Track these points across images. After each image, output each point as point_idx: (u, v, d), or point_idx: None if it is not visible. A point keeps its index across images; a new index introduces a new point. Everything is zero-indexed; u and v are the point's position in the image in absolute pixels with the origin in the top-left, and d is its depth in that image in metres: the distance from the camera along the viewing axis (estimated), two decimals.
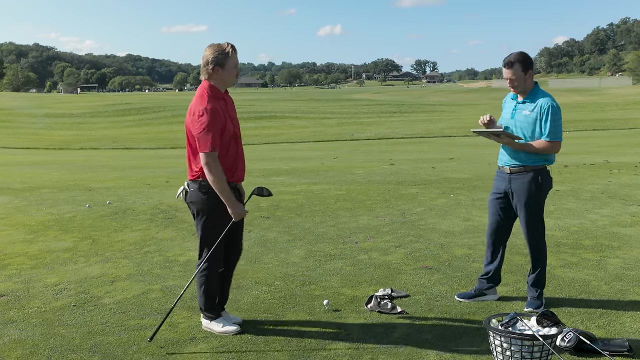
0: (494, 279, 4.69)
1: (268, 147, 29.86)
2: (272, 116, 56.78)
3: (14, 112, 62.08)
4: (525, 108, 4.35)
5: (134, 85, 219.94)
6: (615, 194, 9.34)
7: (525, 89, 4.37)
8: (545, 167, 4.39)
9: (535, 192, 4.34)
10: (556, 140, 4.24)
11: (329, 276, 5.30)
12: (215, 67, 3.86)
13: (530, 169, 4.34)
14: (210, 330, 4.06)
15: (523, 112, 4.35)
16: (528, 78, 4.32)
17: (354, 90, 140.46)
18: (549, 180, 4.42)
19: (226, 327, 4.02)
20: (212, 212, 3.94)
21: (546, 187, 4.39)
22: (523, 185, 4.36)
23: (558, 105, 4.30)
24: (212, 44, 3.92)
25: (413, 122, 48.54)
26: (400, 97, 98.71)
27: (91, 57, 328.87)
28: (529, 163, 4.34)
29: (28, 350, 3.77)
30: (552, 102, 4.26)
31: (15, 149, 31.53)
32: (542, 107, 4.24)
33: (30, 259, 5.94)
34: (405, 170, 13.53)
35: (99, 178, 13.04)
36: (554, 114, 4.23)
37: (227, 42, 3.90)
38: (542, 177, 4.35)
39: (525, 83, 4.33)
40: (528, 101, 4.35)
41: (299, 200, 9.17)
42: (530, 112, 4.30)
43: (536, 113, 4.26)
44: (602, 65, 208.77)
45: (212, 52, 3.86)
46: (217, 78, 3.90)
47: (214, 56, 3.85)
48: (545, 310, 3.65)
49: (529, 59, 4.34)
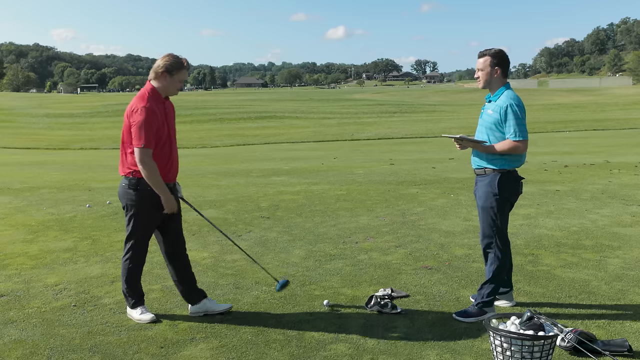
0: (507, 283, 4.52)
1: (268, 147, 29.84)
2: (272, 116, 56.76)
3: (14, 112, 62.08)
4: (489, 107, 4.28)
5: (134, 85, 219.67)
6: (615, 194, 9.34)
7: (490, 86, 4.27)
8: (509, 171, 4.20)
9: (493, 196, 4.18)
10: (521, 140, 4.08)
11: (329, 276, 5.30)
12: (163, 72, 4.07)
13: (490, 171, 4.22)
14: (131, 317, 4.29)
15: (488, 111, 4.28)
16: (496, 74, 4.22)
17: (354, 90, 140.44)
18: (512, 185, 4.22)
19: (142, 315, 4.25)
20: (139, 207, 4.13)
21: (507, 191, 4.20)
22: (482, 188, 4.27)
23: (520, 103, 4.15)
24: (172, 54, 4.16)
25: (413, 122, 48.52)
26: (400, 97, 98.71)
27: (91, 57, 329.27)
28: (490, 165, 4.21)
29: (28, 350, 3.77)
30: (511, 101, 4.11)
31: (15, 149, 31.52)
32: (502, 107, 4.13)
33: (30, 259, 5.94)
34: (405, 170, 13.53)
35: (99, 178, 13.04)
36: (514, 112, 4.09)
37: (184, 58, 4.16)
38: (502, 181, 4.17)
39: (490, 78, 4.24)
40: (493, 100, 4.27)
41: (299, 200, 9.17)
42: (492, 112, 4.22)
43: (497, 113, 4.16)
44: (602, 65, 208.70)
45: (168, 60, 4.10)
46: (162, 83, 4.11)
47: (168, 63, 4.07)
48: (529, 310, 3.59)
49: (503, 57, 4.23)
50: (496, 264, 4.28)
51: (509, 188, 4.21)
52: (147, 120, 3.94)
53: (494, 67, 4.22)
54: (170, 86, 4.12)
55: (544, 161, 14.88)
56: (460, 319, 4.22)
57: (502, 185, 4.18)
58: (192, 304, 4.40)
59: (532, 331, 3.36)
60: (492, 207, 4.22)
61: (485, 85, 4.29)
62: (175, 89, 4.17)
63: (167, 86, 4.11)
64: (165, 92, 4.14)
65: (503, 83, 4.27)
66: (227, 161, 18.64)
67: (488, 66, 4.22)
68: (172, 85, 4.13)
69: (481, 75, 4.28)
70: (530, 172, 12.46)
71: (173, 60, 4.09)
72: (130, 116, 4.00)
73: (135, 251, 4.27)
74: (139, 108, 3.97)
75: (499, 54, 4.24)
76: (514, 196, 4.30)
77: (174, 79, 4.10)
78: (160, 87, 4.11)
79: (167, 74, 4.07)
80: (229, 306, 4.48)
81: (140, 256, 4.32)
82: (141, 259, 4.34)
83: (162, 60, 4.09)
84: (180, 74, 4.11)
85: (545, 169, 13.06)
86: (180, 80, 4.14)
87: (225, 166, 16.27)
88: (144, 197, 4.08)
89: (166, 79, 4.09)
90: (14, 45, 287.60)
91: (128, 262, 4.29)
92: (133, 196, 4.10)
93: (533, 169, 12.98)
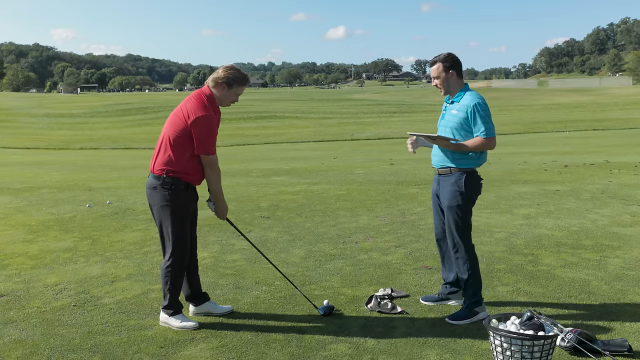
0: (457, 284, 4.56)
1: (268, 147, 29.85)
2: (272, 116, 56.78)
3: (14, 112, 62.08)
4: (453, 108, 4.32)
5: (134, 85, 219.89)
6: (615, 194, 9.34)
7: (450, 89, 4.33)
8: (473, 170, 4.27)
9: (459, 195, 4.22)
10: (491, 136, 4.16)
11: (329, 276, 5.30)
12: (223, 83, 4.08)
13: (455, 170, 4.25)
14: (167, 325, 4.17)
15: (452, 111, 4.32)
16: (451, 78, 4.28)
17: (354, 90, 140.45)
18: (475, 184, 4.29)
19: (184, 323, 4.14)
20: (175, 206, 4.07)
21: (471, 190, 4.25)
22: (447, 187, 4.28)
23: (484, 101, 4.22)
24: (236, 68, 4.17)
25: (413, 122, 48.52)
26: (400, 97, 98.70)
27: (91, 57, 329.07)
28: (455, 164, 4.24)
29: (28, 350, 3.77)
30: (478, 100, 4.18)
31: (15, 149, 31.52)
32: (468, 106, 4.19)
33: (30, 259, 5.94)
34: (405, 170, 13.53)
35: (99, 178, 13.04)
36: (481, 110, 4.15)
37: (247, 75, 4.21)
38: (467, 179, 4.22)
39: (448, 83, 4.30)
40: (456, 101, 4.31)
41: (299, 200, 9.17)
42: (457, 112, 4.26)
43: (464, 112, 4.21)
44: (602, 65, 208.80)
45: (231, 73, 4.10)
46: (219, 92, 4.12)
47: (231, 76, 4.09)
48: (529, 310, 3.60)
49: (454, 60, 4.29)
50: (468, 261, 4.29)
51: (474, 187, 4.29)
52: (212, 129, 4.01)
53: (447, 71, 4.28)
54: (226, 98, 4.14)
55: (544, 161, 14.88)
56: (453, 322, 4.22)
57: (468, 184, 4.24)
58: (195, 305, 4.40)
59: (532, 331, 3.36)
60: (459, 205, 4.25)
61: (445, 91, 4.36)
62: (230, 102, 4.19)
63: (223, 97, 4.13)
64: (220, 102, 4.16)
65: (461, 85, 4.34)
66: (227, 161, 18.64)
67: (442, 72, 4.28)
68: (228, 97, 4.14)
69: (439, 83, 4.35)
70: (530, 172, 12.47)
71: (236, 74, 4.10)
72: (190, 121, 3.95)
73: (179, 253, 4.11)
74: (202, 116, 3.95)
75: (449, 57, 4.31)
76: (477, 194, 4.36)
77: (231, 92, 4.12)
78: (218, 96, 4.12)
79: (226, 86, 4.09)
80: (230, 308, 4.47)
81: (185, 257, 4.17)
82: (185, 261, 4.19)
83: (224, 72, 4.08)
84: (240, 89, 4.15)
85: (545, 169, 13.06)
86: (237, 94, 4.16)
87: (225, 166, 16.21)
88: (178, 196, 4.05)
89: (224, 90, 4.10)
90: (14, 45, 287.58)
91: (171, 267, 4.11)
92: (168, 196, 4.04)
93: (533, 169, 12.99)
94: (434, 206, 4.53)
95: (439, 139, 4.23)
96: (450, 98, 4.38)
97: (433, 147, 4.43)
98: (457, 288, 4.57)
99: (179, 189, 4.05)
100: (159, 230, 4.18)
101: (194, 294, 4.40)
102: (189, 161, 4.04)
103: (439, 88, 4.38)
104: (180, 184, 4.04)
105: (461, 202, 4.24)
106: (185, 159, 4.02)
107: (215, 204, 4.26)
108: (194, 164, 4.06)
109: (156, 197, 4.09)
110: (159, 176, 4.06)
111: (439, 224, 4.53)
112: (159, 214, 4.12)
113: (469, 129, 4.21)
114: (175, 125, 4.02)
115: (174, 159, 4.02)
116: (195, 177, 4.12)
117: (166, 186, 4.04)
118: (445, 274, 4.63)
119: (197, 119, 3.94)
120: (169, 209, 4.06)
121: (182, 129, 3.98)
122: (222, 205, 4.27)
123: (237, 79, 4.10)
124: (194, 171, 4.09)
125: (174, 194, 4.04)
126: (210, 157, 4.07)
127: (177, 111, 4.07)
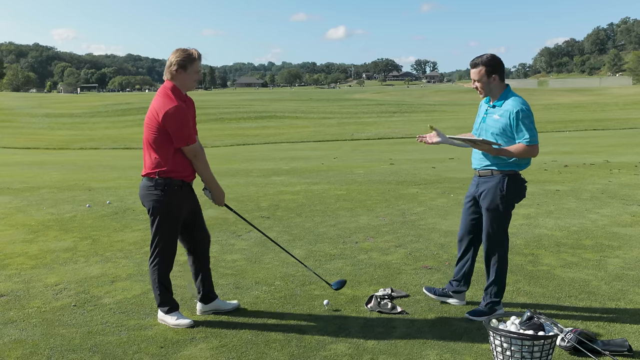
0: (464, 284, 4.58)
1: (268, 147, 29.85)
2: (272, 116, 56.78)
3: (14, 112, 62.08)
4: (495, 112, 4.19)
5: (134, 85, 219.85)
6: (615, 194, 9.34)
7: (491, 93, 4.21)
8: (516, 172, 4.19)
9: (500, 198, 4.14)
10: (534, 144, 4.03)
11: (329, 276, 5.29)
12: (178, 69, 4.04)
13: (497, 172, 4.17)
14: (164, 322, 4.19)
15: (493, 116, 4.19)
16: (492, 82, 4.15)
17: (354, 90, 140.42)
18: (518, 187, 4.21)
19: (179, 320, 4.16)
20: (167, 207, 4.08)
21: (513, 194, 4.19)
22: (489, 190, 4.20)
23: (528, 107, 4.09)
24: (179, 48, 4.11)
25: (413, 122, 48.52)
26: (400, 97, 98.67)
27: (91, 57, 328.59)
28: (498, 167, 4.16)
29: (28, 350, 3.77)
30: (521, 106, 4.04)
31: (15, 149, 31.52)
32: (511, 112, 4.06)
33: (30, 259, 5.94)
34: (405, 170, 13.53)
35: (99, 178, 13.04)
36: (525, 117, 4.02)
37: (194, 48, 4.11)
38: (510, 182, 4.15)
39: (489, 87, 4.18)
40: (498, 105, 4.18)
41: (299, 200, 9.17)
42: (499, 117, 4.14)
43: (506, 118, 4.09)
44: (602, 65, 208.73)
45: (178, 55, 4.05)
46: (179, 80, 4.08)
47: (180, 58, 4.04)
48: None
49: (497, 63, 4.14)
50: (498, 263, 4.28)
51: (516, 190, 4.21)
52: (184, 119, 3.96)
53: (490, 75, 4.14)
54: (188, 81, 4.08)
55: (544, 161, 14.88)
56: (474, 318, 4.22)
57: (509, 187, 4.17)
58: (205, 303, 4.40)
59: (532, 331, 3.36)
60: (499, 208, 4.19)
61: (486, 94, 4.24)
62: (193, 83, 4.13)
63: (185, 81, 4.08)
64: (184, 88, 4.11)
65: (503, 87, 4.21)
66: (227, 161, 18.64)
67: (484, 76, 4.14)
68: (189, 79, 4.08)
69: (479, 87, 4.21)
70: (530, 172, 12.44)
71: (185, 54, 4.04)
72: (161, 118, 3.93)
73: (165, 255, 4.17)
74: (170, 109, 3.92)
75: (492, 60, 4.14)
76: (519, 198, 4.29)
77: (188, 73, 4.06)
78: (179, 84, 4.08)
79: (181, 70, 4.03)
80: (237, 304, 4.51)
81: (171, 259, 4.23)
82: (171, 262, 4.24)
83: (173, 57, 4.04)
84: (194, 66, 4.07)
85: (545, 168, 13.06)
86: (195, 72, 4.09)
87: (225, 166, 16.27)
88: (170, 196, 4.05)
89: (182, 74, 4.05)
90: (14, 45, 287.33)
91: (157, 267, 4.17)
92: (161, 197, 4.04)
93: (533, 169, 12.97)
94: (465, 207, 4.46)
95: (480, 142, 4.11)
96: (491, 101, 4.25)
97: (473, 149, 4.32)
98: (464, 289, 4.57)
99: (172, 190, 4.05)
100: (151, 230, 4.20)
101: (207, 289, 4.40)
102: (176, 158, 4.03)
103: (478, 91, 4.25)
104: (174, 183, 4.05)
105: (501, 205, 4.17)
106: (171, 156, 4.02)
107: (210, 191, 4.27)
108: (181, 159, 4.06)
109: (150, 199, 4.09)
110: (151, 178, 4.08)
111: (464, 225, 4.48)
112: (152, 214, 4.14)
113: (511, 135, 4.08)
114: (150, 127, 4.02)
115: (161, 160, 4.02)
116: (187, 172, 4.11)
117: (159, 187, 4.05)
118: (457, 270, 4.58)
119: (166, 114, 3.92)
120: (161, 209, 4.08)
121: (156, 128, 3.98)
122: (218, 191, 4.27)
123: (188, 58, 4.03)
124: (184, 167, 4.08)
125: (167, 195, 4.05)
126: (191, 146, 4.03)
127: (148, 112, 4.05)
